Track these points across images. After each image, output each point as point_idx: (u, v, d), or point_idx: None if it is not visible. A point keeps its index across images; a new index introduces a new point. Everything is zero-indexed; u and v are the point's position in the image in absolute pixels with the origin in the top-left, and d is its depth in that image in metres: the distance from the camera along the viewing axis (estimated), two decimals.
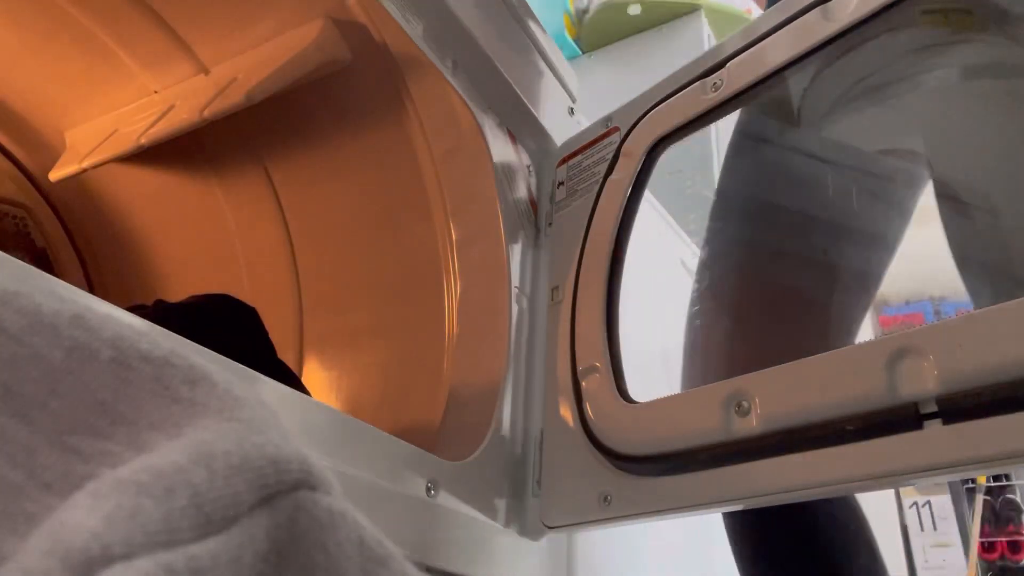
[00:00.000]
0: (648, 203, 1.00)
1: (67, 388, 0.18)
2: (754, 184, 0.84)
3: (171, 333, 0.39)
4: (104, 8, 0.84)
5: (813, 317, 0.79)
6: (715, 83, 0.66)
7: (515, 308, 0.72)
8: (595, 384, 0.62)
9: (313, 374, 0.93)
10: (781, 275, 0.80)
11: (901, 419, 0.42)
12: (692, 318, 0.82)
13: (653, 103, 0.72)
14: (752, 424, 0.49)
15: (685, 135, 0.70)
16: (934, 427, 0.41)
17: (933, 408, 0.41)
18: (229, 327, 0.78)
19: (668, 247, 1.06)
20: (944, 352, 0.41)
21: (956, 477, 0.41)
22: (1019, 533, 2.26)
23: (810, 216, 0.82)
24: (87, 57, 0.88)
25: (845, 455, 0.45)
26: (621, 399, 0.60)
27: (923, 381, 0.42)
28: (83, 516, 0.15)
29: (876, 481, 0.43)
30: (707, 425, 0.51)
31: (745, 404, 0.50)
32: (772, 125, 0.82)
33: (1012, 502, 2.30)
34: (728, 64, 0.66)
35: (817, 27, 0.60)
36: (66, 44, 0.87)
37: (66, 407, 0.18)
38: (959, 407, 0.40)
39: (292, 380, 0.80)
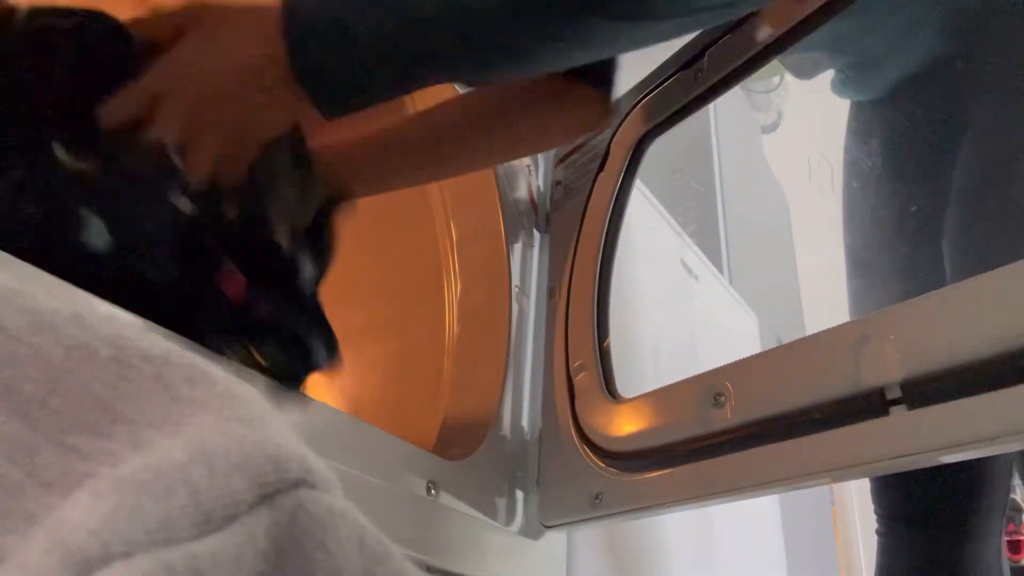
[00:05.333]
0: (649, 203, 1.00)
1: (67, 387, 0.18)
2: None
3: (172, 332, 0.39)
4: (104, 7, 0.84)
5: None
6: (696, 73, 0.67)
7: (515, 308, 0.72)
8: (585, 382, 0.62)
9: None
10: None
11: (867, 406, 0.41)
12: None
13: (640, 97, 0.73)
14: (727, 416, 0.48)
15: (672, 125, 0.71)
16: (899, 413, 0.40)
17: (898, 394, 0.40)
18: None
19: (669, 247, 1.06)
20: (905, 335, 0.40)
21: (924, 465, 0.40)
22: (1019, 533, 2.26)
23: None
24: None
25: (815, 445, 0.44)
26: (608, 396, 0.60)
27: (886, 366, 0.41)
28: (83, 515, 0.15)
29: (845, 471, 0.42)
30: (686, 419, 0.51)
31: (722, 396, 0.49)
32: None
33: (1012, 502, 2.30)
34: (707, 52, 0.67)
35: (790, 10, 0.60)
36: None
37: (66, 406, 0.18)
38: (922, 392, 0.39)
39: None
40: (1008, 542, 2.26)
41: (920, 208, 0.80)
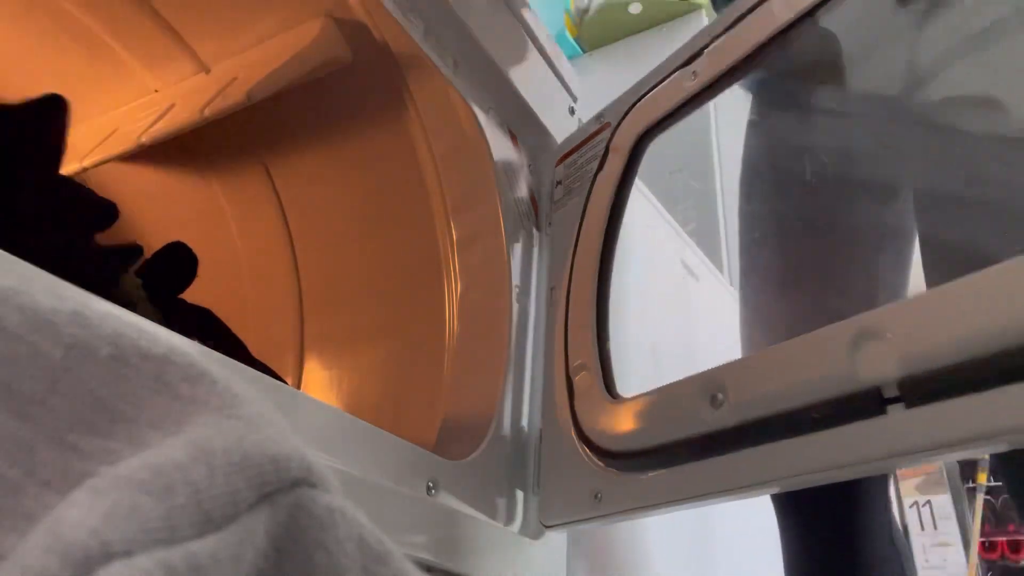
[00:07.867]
0: (650, 203, 1.00)
1: (66, 386, 0.18)
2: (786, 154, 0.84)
3: (171, 332, 0.39)
4: (105, 7, 0.84)
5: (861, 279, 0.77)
6: (693, 72, 0.67)
7: (515, 308, 0.72)
8: (585, 382, 0.62)
9: (313, 373, 0.93)
10: (818, 239, 0.79)
11: (865, 405, 0.41)
12: (744, 289, 0.84)
13: (638, 96, 0.73)
14: (725, 415, 0.48)
15: (669, 125, 0.70)
16: (897, 412, 0.39)
17: (895, 392, 0.40)
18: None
19: (669, 247, 1.06)
20: (903, 333, 0.39)
21: (921, 463, 0.39)
22: (1019, 533, 2.26)
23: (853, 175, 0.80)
24: (88, 56, 0.88)
25: (813, 444, 0.43)
26: (608, 395, 0.60)
27: (884, 364, 0.40)
28: (82, 513, 0.15)
29: (842, 470, 0.42)
30: (684, 418, 0.51)
31: (720, 396, 0.49)
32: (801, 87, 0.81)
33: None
34: (704, 51, 0.66)
35: (783, 8, 0.60)
36: (67, 43, 0.87)
37: (65, 405, 0.18)
38: (920, 390, 0.38)
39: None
40: (1008, 542, 2.26)
41: None
